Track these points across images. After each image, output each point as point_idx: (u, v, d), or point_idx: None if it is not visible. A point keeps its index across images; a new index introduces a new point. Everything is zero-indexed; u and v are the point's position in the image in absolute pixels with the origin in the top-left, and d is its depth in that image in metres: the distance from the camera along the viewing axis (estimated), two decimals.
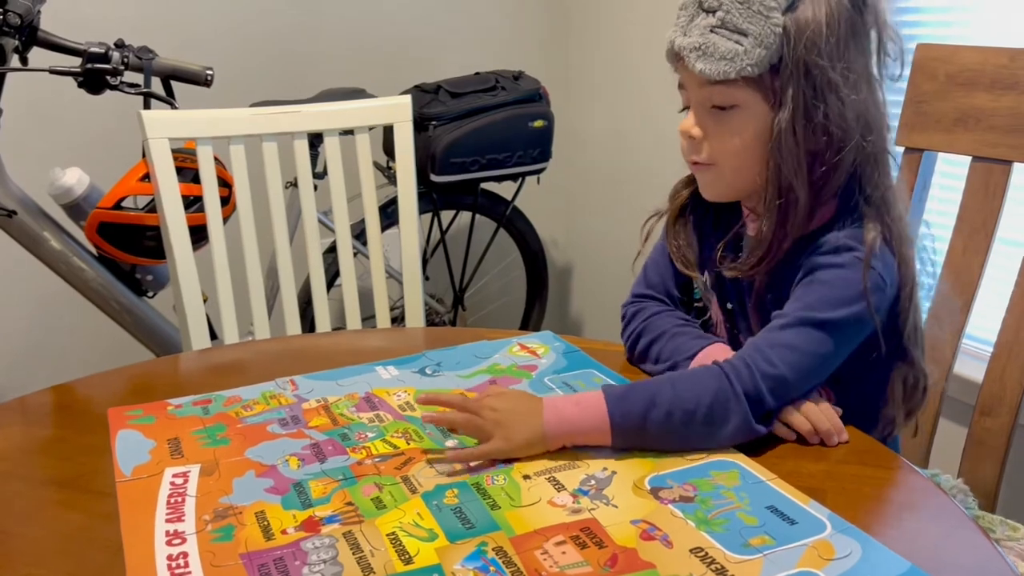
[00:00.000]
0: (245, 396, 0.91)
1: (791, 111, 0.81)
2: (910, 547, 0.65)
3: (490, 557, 0.65)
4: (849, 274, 0.82)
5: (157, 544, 0.67)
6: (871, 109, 0.85)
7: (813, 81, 0.81)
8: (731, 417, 0.78)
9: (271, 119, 1.42)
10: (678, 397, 0.78)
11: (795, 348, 0.81)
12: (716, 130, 0.86)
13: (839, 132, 0.82)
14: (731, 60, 0.81)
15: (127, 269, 1.79)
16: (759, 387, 0.79)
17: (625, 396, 0.79)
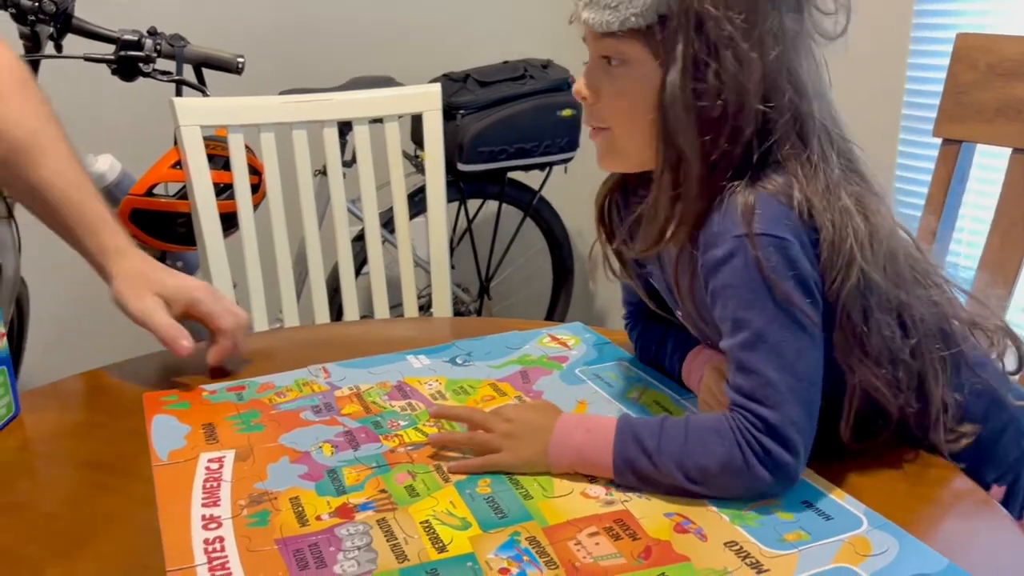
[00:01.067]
0: (278, 383, 0.92)
1: (680, 69, 0.71)
2: (948, 545, 0.65)
3: (523, 547, 0.65)
4: (738, 263, 0.70)
5: (194, 528, 0.67)
6: (785, 71, 0.72)
7: (706, 35, 0.70)
8: (745, 485, 0.70)
9: (301, 107, 1.43)
10: (684, 464, 0.70)
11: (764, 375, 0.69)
12: (607, 89, 0.76)
13: (734, 96, 0.71)
14: (615, 9, 0.72)
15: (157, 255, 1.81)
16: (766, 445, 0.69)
17: (633, 445, 0.71)
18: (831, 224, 0.70)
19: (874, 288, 0.71)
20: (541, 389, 0.90)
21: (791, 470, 0.69)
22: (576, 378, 0.93)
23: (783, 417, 0.69)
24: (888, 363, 0.73)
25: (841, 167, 0.74)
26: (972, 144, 1.18)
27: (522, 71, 2.13)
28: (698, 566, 0.62)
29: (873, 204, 0.73)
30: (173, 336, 0.92)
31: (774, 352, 0.70)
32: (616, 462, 0.72)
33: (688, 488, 0.70)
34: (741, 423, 0.70)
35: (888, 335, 0.72)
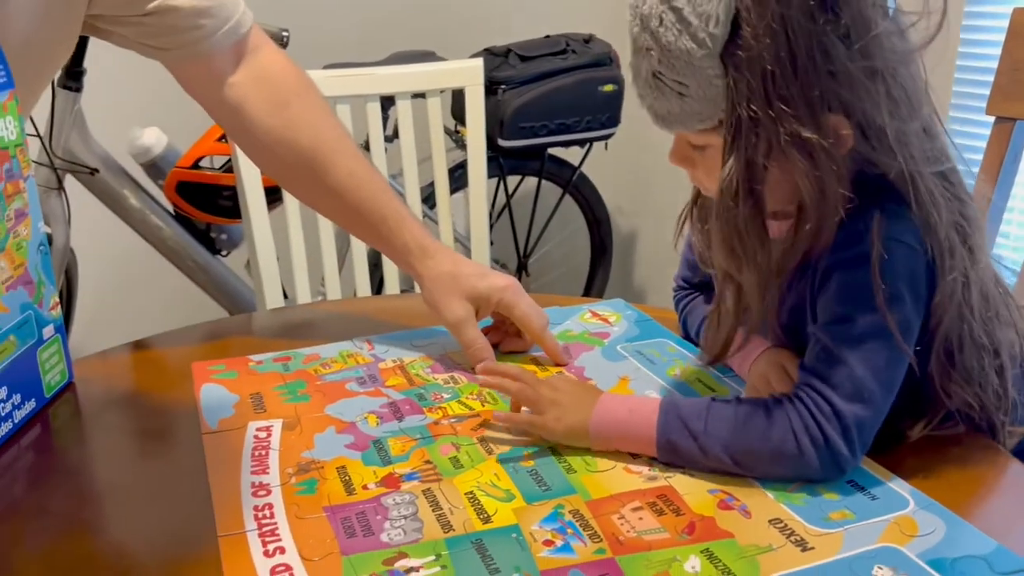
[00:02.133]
0: (323, 354, 0.93)
1: (738, 173, 0.67)
2: (995, 528, 0.64)
3: (567, 520, 0.65)
4: (865, 262, 0.68)
5: (244, 495, 0.69)
6: (862, 111, 0.66)
7: (766, 141, 0.66)
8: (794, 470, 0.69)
9: (345, 81, 1.43)
10: (731, 448, 0.69)
11: (853, 369, 0.68)
12: (700, 163, 0.73)
13: (813, 192, 0.67)
14: (679, 114, 0.69)
15: (202, 228, 1.84)
16: (828, 434, 0.67)
17: (678, 427, 0.70)
18: (939, 247, 0.69)
19: (971, 313, 0.71)
20: (583, 365, 0.90)
21: (843, 464, 0.68)
22: (618, 354, 0.93)
23: (855, 412, 0.68)
24: (979, 386, 0.73)
25: (944, 189, 0.71)
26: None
27: (564, 46, 2.12)
28: (742, 542, 0.62)
29: (972, 229, 0.72)
30: (477, 355, 0.89)
31: (869, 352, 0.68)
32: (659, 441, 0.71)
33: (731, 470, 0.70)
34: (808, 405, 0.68)
35: (979, 362, 0.72)
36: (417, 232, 0.94)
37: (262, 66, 0.94)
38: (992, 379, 0.73)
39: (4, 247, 0.77)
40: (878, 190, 0.70)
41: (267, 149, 0.95)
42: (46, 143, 1.66)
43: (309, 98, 0.96)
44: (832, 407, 0.68)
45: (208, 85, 0.93)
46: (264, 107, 0.93)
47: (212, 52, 0.90)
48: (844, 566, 0.60)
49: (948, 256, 0.69)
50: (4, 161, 0.76)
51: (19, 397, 0.80)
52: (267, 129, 0.93)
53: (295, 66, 0.98)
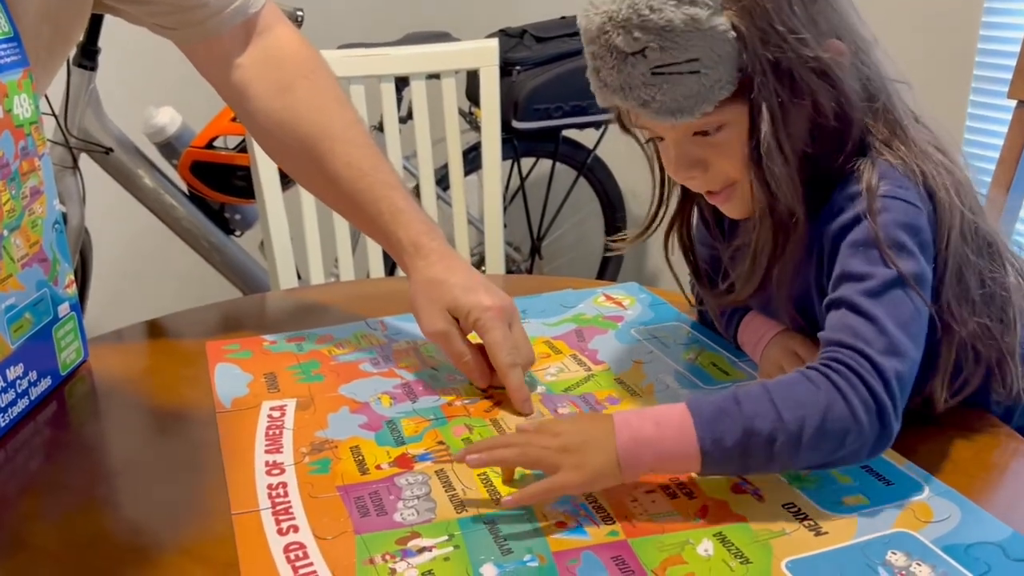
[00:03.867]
0: (337, 335, 0.93)
1: (771, 126, 0.67)
2: (1011, 514, 0.63)
3: (580, 502, 0.65)
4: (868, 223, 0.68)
5: (258, 473, 0.69)
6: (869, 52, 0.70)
7: (786, 76, 0.66)
8: (850, 434, 0.63)
9: (359, 61, 1.43)
10: (781, 419, 0.62)
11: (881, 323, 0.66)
12: (713, 155, 0.71)
13: (835, 118, 0.69)
14: (696, 96, 0.66)
15: (216, 208, 1.84)
16: (875, 390, 0.64)
17: (717, 418, 0.63)
18: (935, 181, 0.69)
19: (971, 231, 0.70)
20: (596, 348, 0.90)
21: (889, 423, 0.64)
22: (632, 338, 0.92)
23: (893, 367, 0.64)
24: (991, 303, 0.72)
25: (913, 117, 0.73)
26: None
27: None
28: (755, 527, 0.62)
29: (944, 146, 0.72)
30: (466, 370, 0.81)
31: (892, 306, 0.66)
32: (704, 445, 0.62)
33: (785, 462, 0.64)
34: (848, 364, 0.64)
35: (989, 277, 0.71)
36: (414, 229, 0.86)
37: (271, 48, 0.91)
38: (1007, 295, 0.72)
39: (20, 225, 0.77)
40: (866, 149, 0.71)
41: (268, 133, 0.92)
42: (61, 122, 1.66)
43: (317, 81, 0.92)
44: (871, 362, 0.64)
45: (216, 66, 0.91)
46: (268, 90, 0.91)
47: (219, 32, 0.88)
48: (858, 551, 0.60)
49: (943, 182, 0.69)
50: (19, 139, 0.76)
51: (35, 374, 0.80)
52: (268, 112, 0.91)
53: (308, 47, 0.94)
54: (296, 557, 0.60)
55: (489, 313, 0.80)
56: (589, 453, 0.63)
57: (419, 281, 0.84)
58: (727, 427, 0.62)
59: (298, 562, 0.59)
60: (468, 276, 0.84)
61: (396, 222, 0.87)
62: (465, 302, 0.81)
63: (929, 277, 0.68)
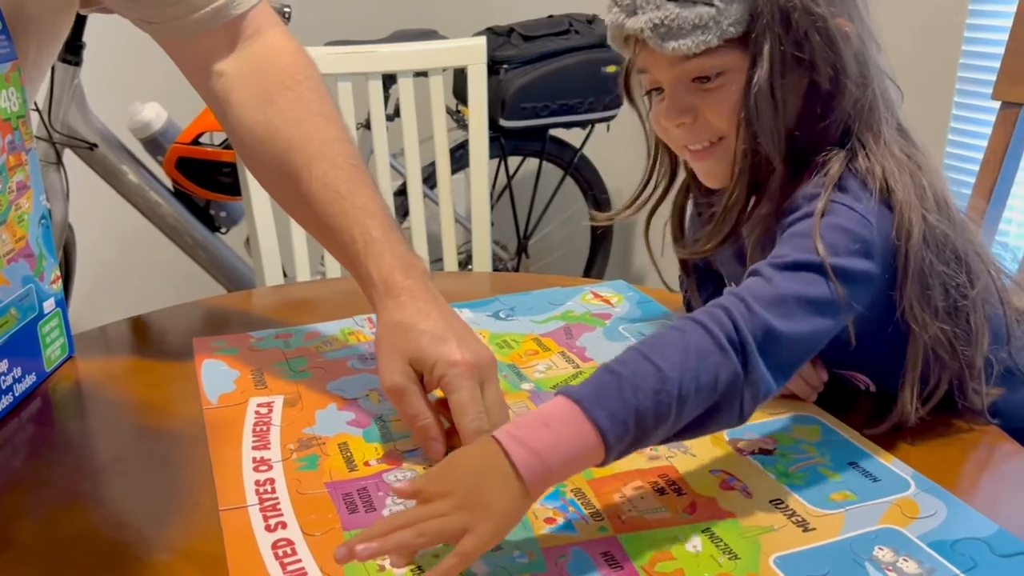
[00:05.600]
0: (324, 332, 0.93)
1: (768, 68, 0.68)
2: (997, 510, 0.64)
3: (569, 498, 0.65)
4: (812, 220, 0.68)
5: (245, 470, 0.69)
6: (866, 38, 0.71)
7: (792, 26, 0.68)
8: (721, 369, 0.61)
9: (346, 58, 1.42)
10: (659, 369, 0.60)
11: (777, 285, 0.65)
12: (707, 104, 0.72)
13: (828, 83, 0.70)
14: (705, 27, 0.68)
15: (201, 205, 1.83)
16: (740, 326, 0.62)
17: (600, 394, 0.59)
18: (896, 184, 0.69)
19: (936, 239, 0.70)
20: (584, 345, 0.90)
21: (756, 363, 0.62)
22: (619, 335, 0.92)
23: (769, 318, 0.63)
24: (954, 314, 0.71)
25: (893, 125, 0.73)
26: None
27: (567, 26, 2.11)
28: (744, 523, 0.62)
29: (918, 156, 0.73)
30: (423, 434, 0.71)
31: (800, 281, 0.65)
32: (602, 425, 0.57)
33: (681, 406, 0.60)
34: (718, 304, 0.64)
35: (953, 285, 0.71)
36: (386, 263, 0.76)
37: (258, 54, 0.84)
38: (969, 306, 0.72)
39: (6, 219, 0.76)
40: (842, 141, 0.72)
41: (247, 146, 0.84)
42: (45, 117, 1.65)
43: (301, 92, 0.83)
44: (747, 306, 0.63)
45: (198, 69, 0.85)
46: (249, 99, 0.83)
47: (200, 32, 0.81)
48: (845, 547, 0.60)
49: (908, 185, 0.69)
50: (7, 133, 0.75)
51: (19, 370, 0.79)
52: (247, 123, 0.83)
53: (300, 55, 0.86)
54: (284, 553, 0.59)
55: (457, 369, 0.70)
56: (489, 494, 0.56)
57: (385, 324, 0.74)
58: (613, 396, 0.58)
59: (286, 558, 0.59)
60: (440, 323, 0.73)
61: (368, 253, 0.77)
62: (431, 354, 0.71)
63: (865, 281, 0.68)
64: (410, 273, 0.76)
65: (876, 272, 0.68)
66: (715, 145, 0.75)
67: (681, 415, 0.60)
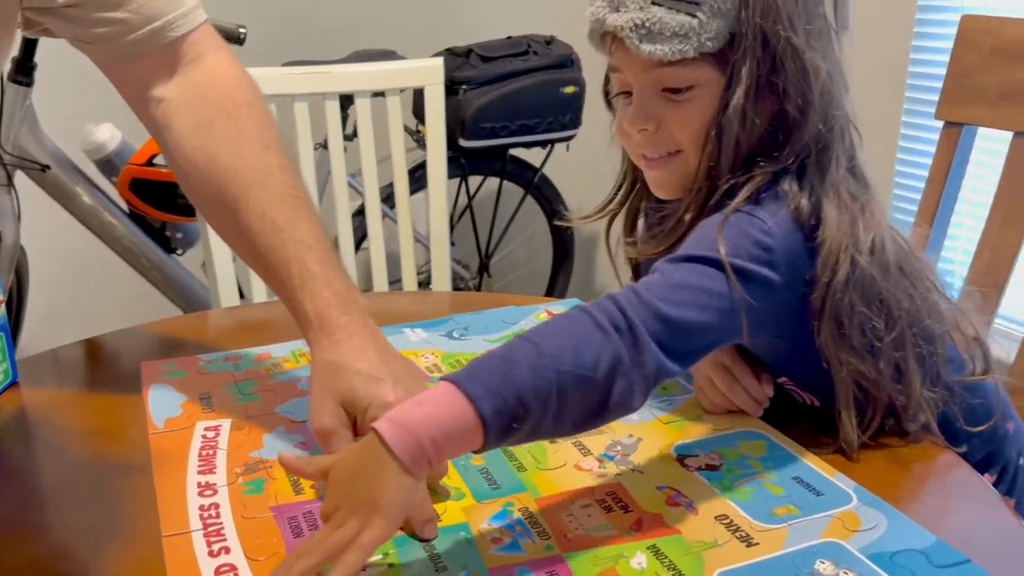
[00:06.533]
0: (275, 353, 0.92)
1: (744, 90, 0.69)
2: (935, 521, 0.65)
3: (516, 517, 0.65)
4: (717, 219, 0.70)
5: (189, 495, 0.68)
6: (836, 76, 0.72)
7: (772, 52, 0.69)
8: (603, 349, 0.62)
9: (302, 79, 1.42)
10: (538, 347, 0.61)
11: (670, 276, 0.67)
12: (672, 116, 0.73)
13: (796, 112, 0.70)
14: (684, 36, 0.68)
15: (157, 226, 1.82)
16: (626, 310, 0.63)
17: (475, 371, 0.60)
18: (831, 221, 0.70)
19: (861, 282, 0.70)
20: None
21: (645, 341, 0.63)
22: None
23: (658, 302, 0.64)
24: (869, 355, 0.72)
25: (846, 167, 0.73)
26: (974, 127, 1.17)
27: (525, 47, 2.12)
28: (689, 539, 0.63)
29: (868, 201, 0.73)
30: None
31: (692, 272, 0.67)
32: (475, 394, 0.57)
33: (560, 384, 0.60)
34: (608, 296, 0.65)
35: (870, 327, 0.71)
36: (323, 299, 0.73)
37: (199, 78, 0.81)
38: (886, 350, 0.72)
39: None
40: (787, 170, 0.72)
41: (186, 175, 0.81)
42: None
43: (241, 119, 0.80)
44: (636, 294, 0.65)
45: (137, 95, 0.82)
46: (187, 125, 0.80)
47: (135, 54, 0.79)
48: (787, 561, 0.61)
49: (840, 222, 0.70)
50: None
51: None
52: (185, 151, 0.80)
53: (242, 78, 0.84)
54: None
55: (385, 410, 0.64)
56: (372, 487, 0.56)
57: (318, 363, 0.72)
58: (486, 370, 0.59)
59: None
60: (376, 362, 0.71)
61: (304, 289, 0.74)
62: (364, 395, 0.68)
63: (765, 286, 0.68)
64: (347, 309, 0.73)
65: (779, 283, 0.69)
66: (672, 156, 0.75)
67: (565, 395, 0.60)
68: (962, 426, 0.77)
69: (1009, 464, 0.84)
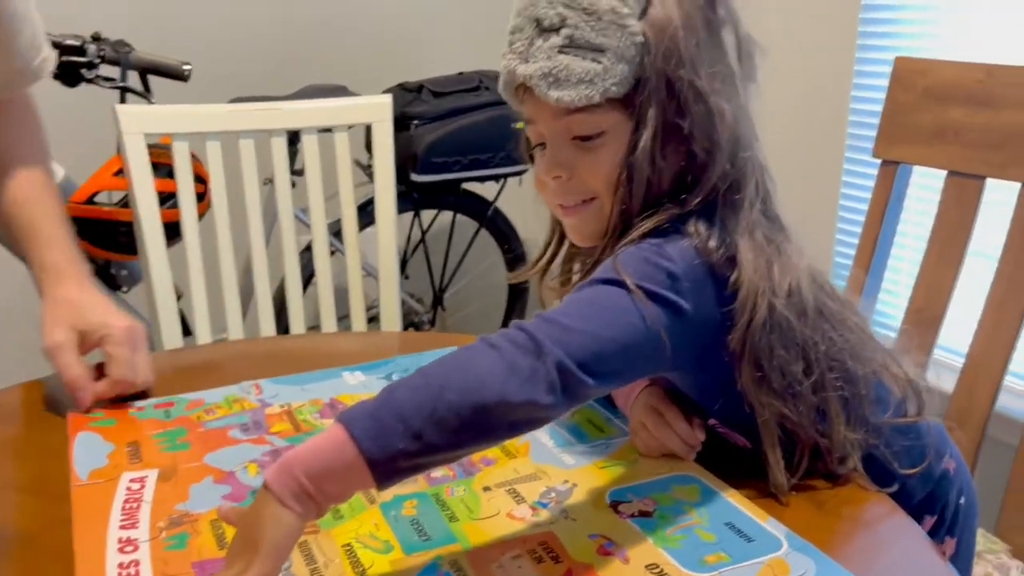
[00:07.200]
0: (208, 399, 0.91)
1: (652, 133, 0.71)
2: (866, 566, 0.65)
3: (445, 571, 0.64)
4: (618, 259, 0.70)
5: (109, 551, 0.66)
6: (742, 120, 0.73)
7: (676, 95, 0.70)
8: (497, 363, 0.62)
9: (248, 116, 1.41)
10: (423, 372, 0.62)
11: (574, 304, 0.68)
12: (584, 163, 0.74)
13: (703, 154, 0.71)
14: (590, 82, 0.70)
15: (100, 264, 1.78)
16: (528, 328, 0.63)
17: (359, 406, 0.61)
18: (747, 264, 0.70)
19: (779, 325, 0.71)
20: None
21: (549, 350, 0.62)
22: None
23: (561, 329, 0.64)
24: (790, 397, 0.72)
25: (760, 209, 0.74)
26: (909, 165, 1.20)
27: (477, 83, 2.13)
28: None
29: (783, 244, 0.74)
30: (71, 383, 0.88)
31: (597, 294, 0.68)
32: (351, 425, 0.58)
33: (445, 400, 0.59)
34: (513, 323, 0.65)
35: (789, 371, 0.72)
36: (62, 257, 0.95)
37: None
38: (805, 393, 0.72)
39: None
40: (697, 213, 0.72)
41: None
42: None
43: None
44: (540, 317, 0.65)
45: None
46: None
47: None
48: None
49: (756, 266, 0.70)
50: None
51: None
52: None
53: None
54: None
55: (114, 331, 0.90)
56: (254, 530, 0.58)
57: (50, 302, 0.92)
58: (368, 402, 0.60)
59: None
60: (102, 303, 0.93)
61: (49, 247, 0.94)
62: (93, 320, 0.90)
63: (674, 310, 0.68)
64: (74, 263, 0.95)
65: (687, 310, 0.69)
66: (587, 203, 0.76)
67: (453, 407, 0.59)
68: (895, 468, 0.77)
69: (949, 504, 0.85)
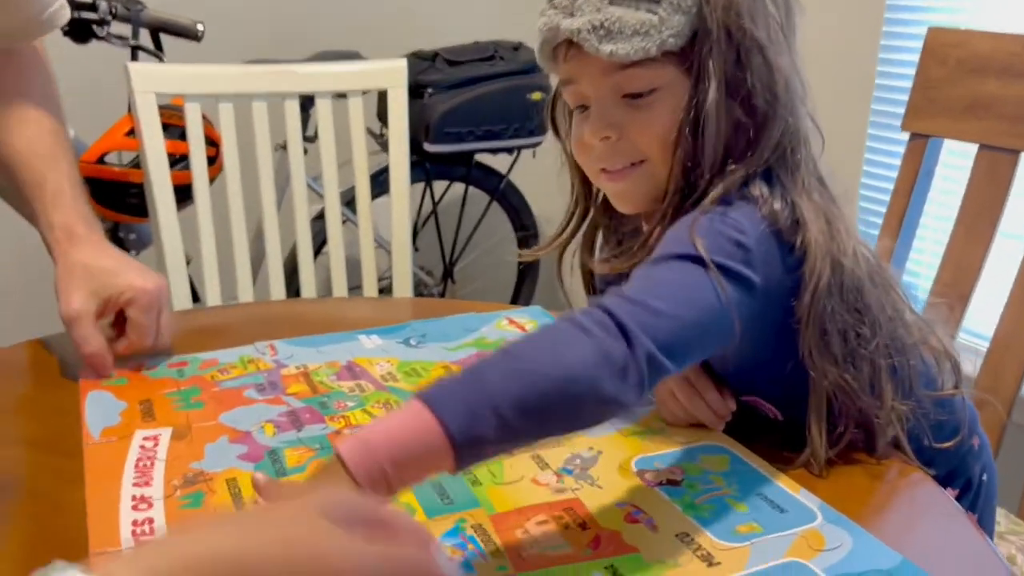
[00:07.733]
0: (222, 359, 0.89)
1: (716, 87, 0.67)
2: (901, 540, 0.63)
3: (468, 535, 0.62)
4: (687, 221, 0.67)
5: (122, 509, 0.64)
6: (795, 76, 0.70)
7: (736, 46, 0.67)
8: (585, 347, 0.58)
9: (262, 78, 1.39)
10: (507, 349, 0.58)
11: (652, 277, 0.65)
12: (636, 122, 0.70)
13: (766, 108, 0.68)
14: (646, 34, 0.66)
15: (109, 226, 1.76)
16: (613, 310, 0.59)
17: (439, 382, 0.57)
18: (811, 225, 0.68)
19: (845, 287, 0.68)
20: None
21: (637, 336, 0.59)
22: None
23: (642, 302, 0.61)
24: (850, 365, 0.70)
25: (812, 170, 0.71)
26: (940, 139, 1.17)
27: (492, 52, 2.10)
28: (648, 558, 0.60)
29: (836, 208, 0.71)
30: (91, 357, 0.83)
31: (672, 270, 0.64)
32: (433, 402, 0.54)
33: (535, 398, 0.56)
34: (595, 302, 0.61)
35: (851, 335, 0.69)
36: (74, 218, 0.88)
37: None
38: (869, 357, 0.70)
39: None
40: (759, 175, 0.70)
41: None
42: None
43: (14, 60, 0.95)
44: (620, 296, 0.61)
45: None
46: None
47: None
48: None
49: (819, 228, 0.68)
50: None
51: None
52: None
53: None
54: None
55: (138, 293, 0.85)
56: None
57: (65, 267, 0.86)
58: (456, 381, 0.56)
59: None
60: (121, 262, 0.88)
61: (58, 207, 0.88)
62: (118, 283, 0.84)
63: (746, 285, 0.66)
64: (87, 223, 0.89)
65: (757, 283, 0.66)
66: (634, 167, 0.72)
67: (546, 398, 0.56)
68: (929, 443, 0.75)
69: (972, 480, 0.83)
